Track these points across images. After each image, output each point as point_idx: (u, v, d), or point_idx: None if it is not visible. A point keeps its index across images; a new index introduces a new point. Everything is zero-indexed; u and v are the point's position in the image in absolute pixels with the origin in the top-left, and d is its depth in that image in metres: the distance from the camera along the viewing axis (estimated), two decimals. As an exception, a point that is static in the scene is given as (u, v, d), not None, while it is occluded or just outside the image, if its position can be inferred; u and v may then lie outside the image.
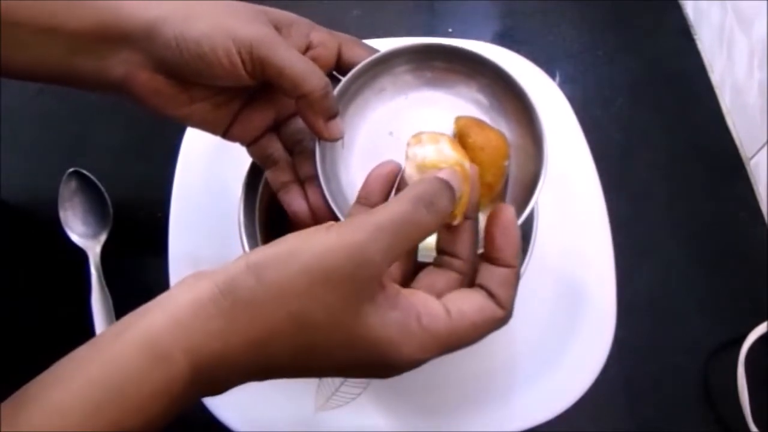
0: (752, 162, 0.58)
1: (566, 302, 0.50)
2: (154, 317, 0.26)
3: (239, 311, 0.25)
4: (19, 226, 0.56)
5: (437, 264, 0.32)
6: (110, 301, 0.51)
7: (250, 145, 0.38)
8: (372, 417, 0.47)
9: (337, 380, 0.48)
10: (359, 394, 0.48)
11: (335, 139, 0.36)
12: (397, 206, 0.27)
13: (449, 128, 0.40)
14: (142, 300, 0.55)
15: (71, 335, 0.52)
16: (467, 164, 0.32)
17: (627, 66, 0.64)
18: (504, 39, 0.64)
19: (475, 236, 0.32)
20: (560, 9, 0.67)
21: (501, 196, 0.40)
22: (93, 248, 0.54)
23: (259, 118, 0.37)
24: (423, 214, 0.27)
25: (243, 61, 0.32)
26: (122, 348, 0.25)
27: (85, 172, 0.55)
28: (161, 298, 0.27)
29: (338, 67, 0.38)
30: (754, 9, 0.55)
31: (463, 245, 0.31)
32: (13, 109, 0.61)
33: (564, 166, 0.53)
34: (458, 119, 0.39)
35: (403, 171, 0.32)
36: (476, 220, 0.32)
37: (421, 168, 0.31)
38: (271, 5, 0.36)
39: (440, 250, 0.32)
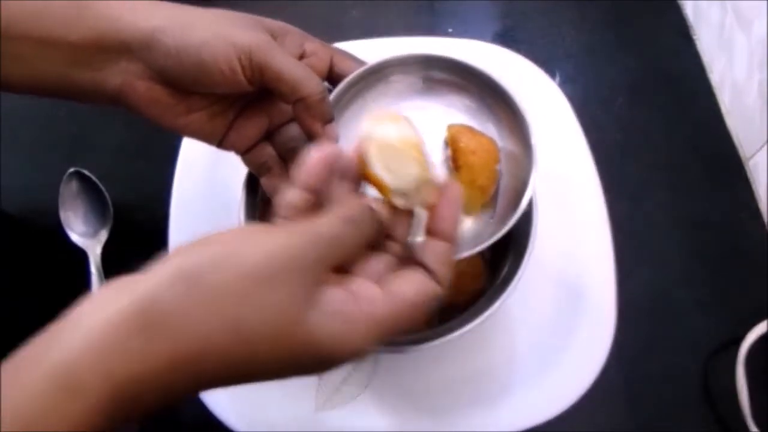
0: (751, 162, 0.58)
1: (566, 302, 0.50)
2: (66, 342, 0.23)
3: (162, 327, 0.23)
4: (19, 226, 0.56)
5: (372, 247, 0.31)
6: (110, 301, 0.51)
7: (244, 153, 0.39)
8: (372, 417, 0.47)
9: (337, 380, 0.48)
10: (359, 394, 0.48)
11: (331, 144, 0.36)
12: (329, 220, 0.27)
13: (441, 136, 0.40)
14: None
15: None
16: (424, 147, 0.31)
17: (627, 66, 0.64)
18: (504, 39, 0.64)
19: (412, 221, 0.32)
20: (560, 9, 0.67)
21: (493, 201, 0.40)
22: (93, 248, 0.54)
23: (254, 126, 0.38)
24: (350, 232, 0.27)
25: (243, 67, 0.33)
26: (33, 383, 0.22)
27: (85, 172, 0.55)
28: (74, 316, 0.24)
29: (329, 79, 0.39)
30: (754, 9, 0.55)
31: (402, 229, 0.31)
32: (13, 110, 0.61)
33: (564, 167, 0.53)
34: (450, 126, 0.40)
35: (365, 149, 0.30)
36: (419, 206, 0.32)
37: (383, 148, 0.30)
38: (273, 5, 0.36)
39: None
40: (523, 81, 0.57)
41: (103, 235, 0.54)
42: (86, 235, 0.54)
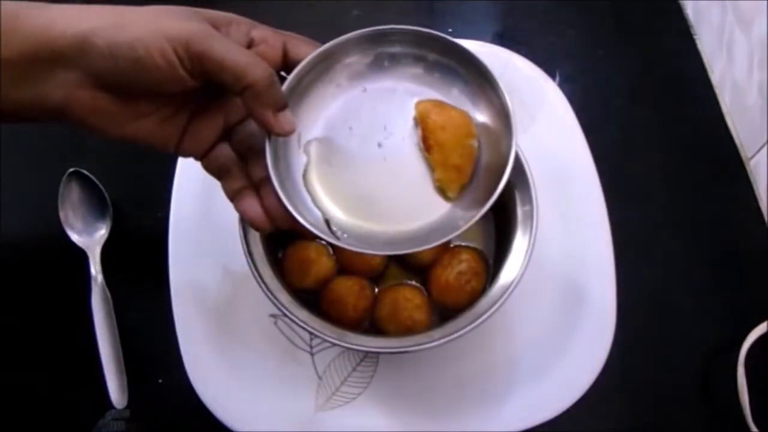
0: (752, 162, 0.58)
1: (566, 302, 0.50)
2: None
3: None
4: (19, 226, 0.56)
5: None
6: (110, 301, 0.51)
7: (203, 158, 0.37)
8: (372, 417, 0.47)
9: (338, 380, 0.48)
10: (359, 394, 0.48)
11: (287, 133, 0.34)
12: None
13: (411, 115, 0.38)
14: (142, 300, 0.55)
15: (71, 335, 0.52)
16: None
17: (627, 66, 0.64)
18: (504, 39, 0.64)
19: None
20: (560, 9, 0.67)
21: (474, 182, 0.37)
22: (93, 248, 0.54)
23: (208, 127, 0.36)
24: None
25: (180, 59, 0.31)
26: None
27: (85, 172, 0.55)
28: None
29: (285, 66, 0.36)
30: (754, 9, 0.55)
31: None
32: (13, 109, 0.61)
33: (564, 167, 0.53)
34: (418, 103, 0.38)
35: None
36: None
37: None
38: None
39: None
40: (523, 81, 0.57)
41: (103, 235, 0.54)
42: (86, 235, 0.54)
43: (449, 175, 0.37)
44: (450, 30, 0.65)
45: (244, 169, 0.36)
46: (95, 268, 0.53)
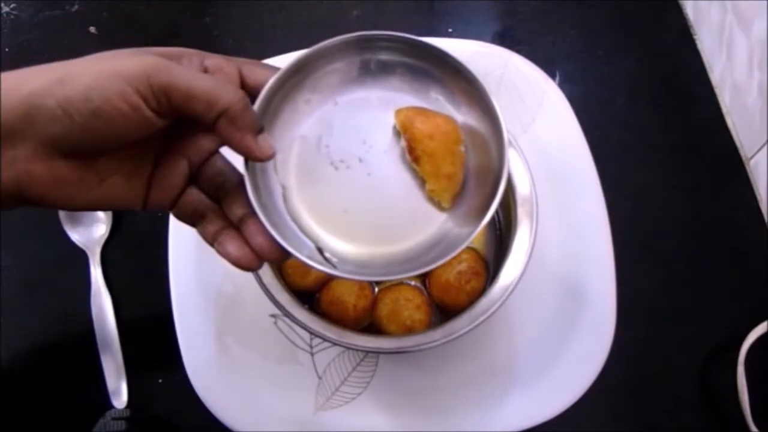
0: (752, 162, 0.58)
1: (566, 302, 0.50)
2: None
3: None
4: (19, 225, 0.56)
5: None
6: (110, 301, 0.51)
7: (173, 207, 0.34)
8: (372, 417, 0.47)
9: (338, 380, 0.48)
10: (359, 394, 0.48)
11: (269, 157, 0.32)
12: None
13: (390, 125, 0.36)
14: (142, 300, 0.55)
15: (71, 335, 0.52)
16: None
17: (627, 66, 0.64)
18: (504, 39, 0.64)
19: None
20: (560, 9, 0.67)
21: (465, 188, 0.36)
22: (93, 248, 0.54)
23: (173, 173, 0.33)
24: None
25: (145, 99, 0.28)
26: None
27: (85, 172, 0.55)
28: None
29: None
30: (754, 9, 0.55)
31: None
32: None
33: (564, 167, 0.53)
34: (398, 111, 0.36)
35: None
36: None
37: None
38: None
39: None
40: (523, 81, 0.57)
41: (103, 235, 0.54)
42: (86, 235, 0.54)
43: (442, 185, 0.35)
44: (450, 30, 0.65)
45: (219, 210, 0.34)
46: (95, 268, 0.53)
